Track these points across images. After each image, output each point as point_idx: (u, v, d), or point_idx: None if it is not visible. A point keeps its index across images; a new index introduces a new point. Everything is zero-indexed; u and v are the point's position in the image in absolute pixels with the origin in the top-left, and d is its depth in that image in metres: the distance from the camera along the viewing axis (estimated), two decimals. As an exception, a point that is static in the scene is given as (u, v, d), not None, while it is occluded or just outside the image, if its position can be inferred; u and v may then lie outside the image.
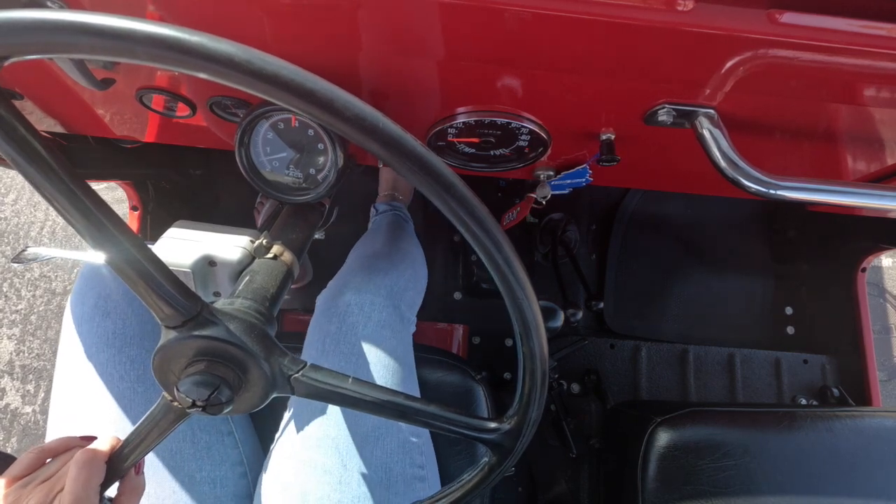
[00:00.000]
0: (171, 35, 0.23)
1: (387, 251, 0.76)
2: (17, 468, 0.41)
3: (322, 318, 0.64)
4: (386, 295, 0.65)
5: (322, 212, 0.68)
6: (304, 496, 0.53)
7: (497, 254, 0.31)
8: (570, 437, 1.09)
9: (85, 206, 0.30)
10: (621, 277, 1.31)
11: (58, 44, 0.23)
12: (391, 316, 0.64)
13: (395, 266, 0.72)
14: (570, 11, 0.37)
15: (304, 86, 0.24)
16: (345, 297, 0.63)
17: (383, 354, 0.60)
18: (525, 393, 0.38)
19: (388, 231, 0.87)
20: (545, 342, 0.35)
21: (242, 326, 0.39)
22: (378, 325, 0.62)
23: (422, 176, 0.28)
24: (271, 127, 0.54)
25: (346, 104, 0.25)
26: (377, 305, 0.63)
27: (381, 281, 0.66)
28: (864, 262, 1.13)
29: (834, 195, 0.47)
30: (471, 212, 0.29)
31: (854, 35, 0.38)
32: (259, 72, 0.24)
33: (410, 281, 0.73)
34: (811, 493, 0.69)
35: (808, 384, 1.22)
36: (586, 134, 0.55)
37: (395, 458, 0.56)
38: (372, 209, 1.07)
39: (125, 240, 0.32)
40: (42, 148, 0.28)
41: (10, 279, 1.45)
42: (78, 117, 0.62)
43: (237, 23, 0.42)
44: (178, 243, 0.51)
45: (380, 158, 0.27)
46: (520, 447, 0.40)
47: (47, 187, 0.28)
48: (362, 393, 0.39)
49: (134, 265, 0.33)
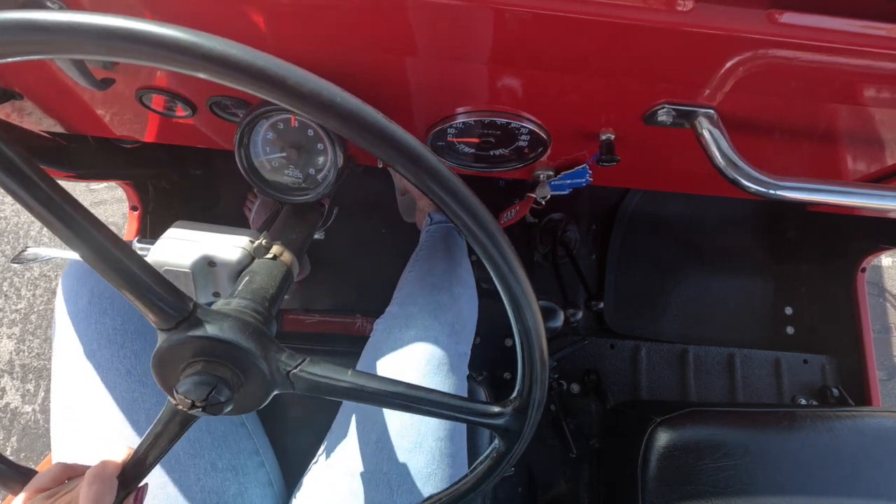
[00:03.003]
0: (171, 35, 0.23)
1: (448, 283, 0.75)
2: (43, 480, 0.40)
3: (384, 345, 0.65)
4: (448, 333, 0.66)
5: (322, 212, 0.68)
6: None
7: (472, 223, 0.30)
8: (570, 437, 1.09)
9: (60, 209, 0.28)
10: (621, 277, 1.31)
11: (84, 46, 0.23)
12: (453, 357, 0.65)
13: (456, 301, 0.72)
14: (570, 11, 0.37)
15: (254, 64, 0.24)
16: (410, 332, 0.65)
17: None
18: (526, 373, 0.37)
19: (444, 251, 0.85)
20: (539, 315, 0.35)
21: (237, 325, 0.38)
22: (437, 364, 0.63)
23: (408, 163, 0.27)
24: (271, 127, 0.54)
25: (335, 96, 0.25)
26: (441, 343, 0.64)
27: (445, 318, 0.68)
28: (864, 262, 1.13)
29: (834, 195, 0.47)
30: (439, 180, 0.29)
31: (854, 35, 0.38)
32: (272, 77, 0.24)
33: (470, 317, 0.74)
34: (811, 493, 0.69)
35: (808, 384, 1.22)
36: (586, 134, 0.55)
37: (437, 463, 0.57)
38: (427, 217, 1.05)
39: (105, 242, 0.31)
40: (9, 150, 0.26)
41: (9, 278, 1.45)
42: (78, 117, 0.62)
43: (238, 23, 0.42)
44: (178, 244, 0.51)
45: (369, 151, 0.27)
46: (528, 430, 0.40)
47: (15, 189, 0.27)
48: (363, 385, 0.39)
49: (118, 269, 0.32)
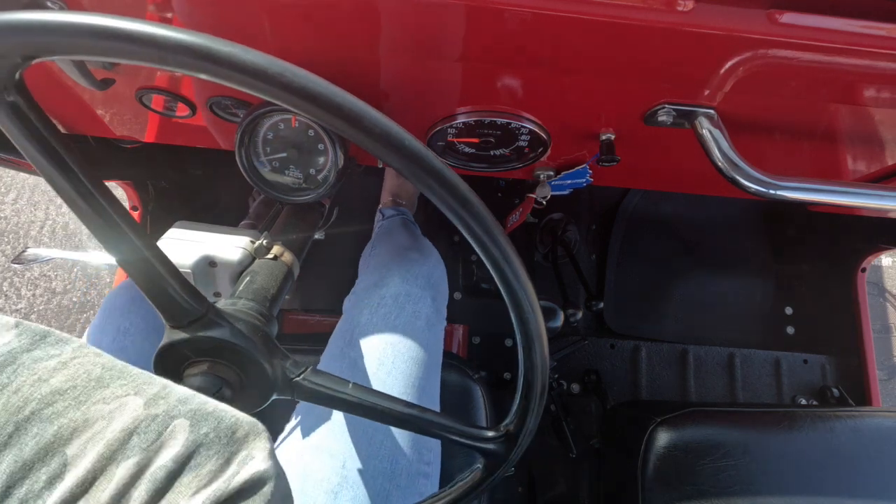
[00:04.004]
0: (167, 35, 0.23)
1: (415, 245, 0.75)
2: None
3: (354, 310, 0.64)
4: (423, 286, 0.64)
5: (322, 212, 0.68)
6: (304, 476, 0.52)
7: (504, 263, 0.30)
8: (570, 437, 1.09)
9: (100, 206, 0.31)
10: (621, 277, 1.31)
11: (99, 47, 0.24)
12: (429, 308, 0.63)
13: (427, 258, 0.71)
14: (571, 11, 0.37)
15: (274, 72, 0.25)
16: (389, 287, 0.63)
17: (415, 346, 0.60)
18: (523, 403, 0.38)
19: (404, 230, 0.86)
20: (547, 355, 0.35)
21: (247, 328, 0.39)
22: (413, 316, 0.61)
23: (416, 171, 0.27)
24: (271, 127, 0.54)
25: (345, 100, 0.25)
26: (413, 296, 0.63)
27: (419, 270, 0.66)
28: (864, 262, 1.13)
29: (834, 195, 0.47)
30: (463, 203, 0.29)
31: (854, 35, 0.38)
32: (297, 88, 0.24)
33: (442, 276, 0.72)
34: (811, 493, 0.69)
35: (808, 384, 1.22)
36: (586, 134, 0.55)
37: (402, 451, 0.55)
38: (378, 214, 1.07)
39: (137, 240, 0.32)
40: (62, 149, 0.28)
41: (9, 278, 1.45)
42: (78, 117, 0.62)
43: (238, 23, 0.42)
44: (179, 244, 0.51)
45: (372, 153, 0.27)
46: (514, 457, 0.41)
47: (65, 187, 0.29)
48: (361, 398, 0.39)
49: (145, 265, 0.33)
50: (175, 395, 0.26)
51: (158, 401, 0.25)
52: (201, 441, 0.24)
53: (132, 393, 0.25)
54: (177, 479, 0.23)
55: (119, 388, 0.25)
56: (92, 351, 0.26)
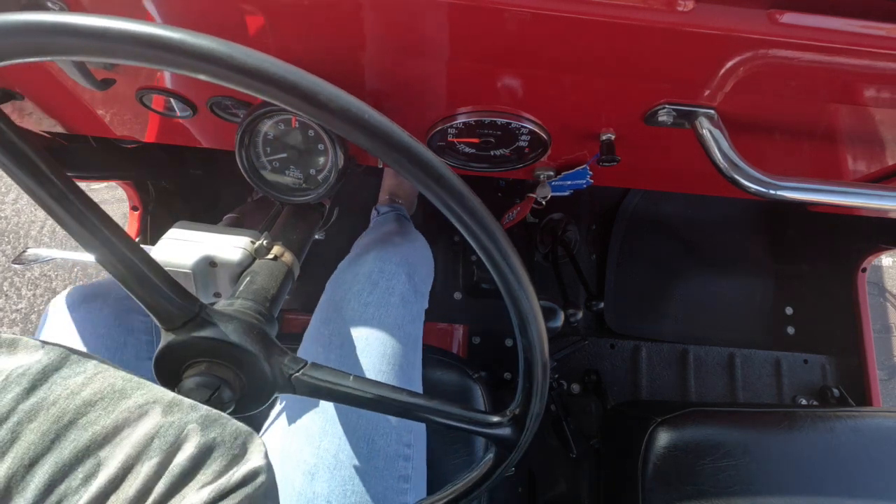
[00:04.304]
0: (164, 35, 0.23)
1: (400, 231, 0.76)
2: None
3: (330, 287, 0.64)
4: (398, 262, 0.65)
5: (322, 212, 0.68)
6: (283, 458, 0.53)
7: (484, 236, 0.30)
8: (570, 437, 1.09)
9: (75, 209, 0.30)
10: (621, 277, 1.31)
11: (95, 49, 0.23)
12: (403, 285, 0.63)
13: (409, 242, 0.72)
14: (571, 11, 0.37)
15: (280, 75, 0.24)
16: (364, 266, 0.63)
17: (390, 322, 0.60)
18: (527, 385, 0.38)
19: (395, 222, 0.87)
20: (544, 332, 0.35)
21: (242, 327, 0.39)
22: (386, 292, 0.62)
23: (409, 165, 0.27)
24: (272, 127, 0.54)
25: (334, 97, 0.25)
26: (386, 273, 0.63)
27: (396, 250, 0.66)
28: (864, 262, 1.13)
29: (834, 195, 0.47)
30: (448, 187, 0.28)
31: (854, 35, 0.38)
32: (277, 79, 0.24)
33: (423, 258, 0.73)
34: (811, 493, 0.69)
35: (808, 384, 1.22)
36: (586, 134, 0.55)
37: (380, 432, 0.55)
38: (373, 211, 1.07)
39: (118, 242, 0.32)
40: (30, 150, 0.27)
41: (10, 278, 1.45)
42: (78, 117, 0.62)
43: (238, 23, 0.42)
44: (179, 244, 0.51)
45: (369, 151, 0.27)
46: (524, 441, 0.40)
47: (36, 190, 0.28)
48: (363, 390, 0.39)
49: (129, 267, 0.33)
50: (186, 403, 0.30)
51: (174, 408, 0.29)
52: (211, 443, 0.29)
53: (152, 401, 0.29)
54: (190, 475, 0.27)
55: (140, 397, 0.29)
56: (110, 366, 0.31)
